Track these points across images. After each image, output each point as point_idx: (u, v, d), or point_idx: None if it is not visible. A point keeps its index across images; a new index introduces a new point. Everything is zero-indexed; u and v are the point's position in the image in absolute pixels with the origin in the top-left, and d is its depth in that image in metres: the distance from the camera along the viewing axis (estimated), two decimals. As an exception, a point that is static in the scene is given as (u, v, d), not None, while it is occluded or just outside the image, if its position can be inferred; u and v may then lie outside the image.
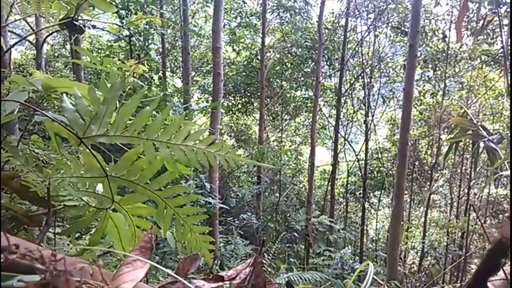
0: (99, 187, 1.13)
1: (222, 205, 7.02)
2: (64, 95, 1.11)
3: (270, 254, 6.10)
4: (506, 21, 7.40)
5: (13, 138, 1.62)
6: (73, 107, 1.00)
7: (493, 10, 7.11)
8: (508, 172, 3.00)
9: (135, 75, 1.81)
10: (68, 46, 10.98)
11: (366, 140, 12.02)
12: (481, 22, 7.72)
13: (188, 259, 0.84)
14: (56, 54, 12.03)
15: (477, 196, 12.25)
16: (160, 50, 10.09)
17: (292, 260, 8.74)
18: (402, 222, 8.93)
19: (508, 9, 7.42)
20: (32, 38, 7.39)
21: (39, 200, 1.17)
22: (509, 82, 6.93)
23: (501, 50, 9.34)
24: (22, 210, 1.21)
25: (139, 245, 0.77)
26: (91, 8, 1.51)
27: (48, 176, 1.12)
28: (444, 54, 11.32)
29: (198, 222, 1.23)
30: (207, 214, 1.23)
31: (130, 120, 1.02)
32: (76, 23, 1.35)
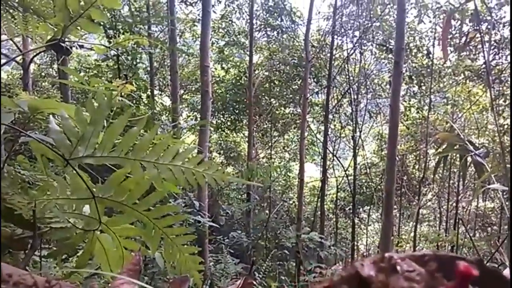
0: (86, 209, 1.11)
1: (211, 224, 6.95)
2: (51, 116, 1.10)
3: (261, 272, 6.03)
4: (487, 38, 7.58)
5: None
6: (60, 128, 1.00)
7: (475, 27, 7.29)
8: (495, 186, 3.04)
9: (123, 94, 1.80)
10: (55, 66, 10.95)
11: (354, 156, 12.08)
12: (464, 38, 7.91)
13: (177, 281, 0.83)
14: (43, 74, 11.98)
15: (465, 210, 12.34)
16: (148, 69, 10.11)
17: (283, 277, 8.65)
18: (392, 237, 8.93)
19: (489, 26, 7.61)
20: (18, 58, 7.36)
21: (25, 223, 1.15)
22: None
23: (484, 65, 9.56)
24: (7, 233, 1.18)
25: (127, 267, 0.76)
26: (78, 28, 1.51)
27: (34, 198, 1.10)
28: (428, 70, 11.53)
29: (187, 242, 1.22)
30: (196, 233, 1.22)
31: (118, 140, 1.02)
32: (63, 44, 1.35)
